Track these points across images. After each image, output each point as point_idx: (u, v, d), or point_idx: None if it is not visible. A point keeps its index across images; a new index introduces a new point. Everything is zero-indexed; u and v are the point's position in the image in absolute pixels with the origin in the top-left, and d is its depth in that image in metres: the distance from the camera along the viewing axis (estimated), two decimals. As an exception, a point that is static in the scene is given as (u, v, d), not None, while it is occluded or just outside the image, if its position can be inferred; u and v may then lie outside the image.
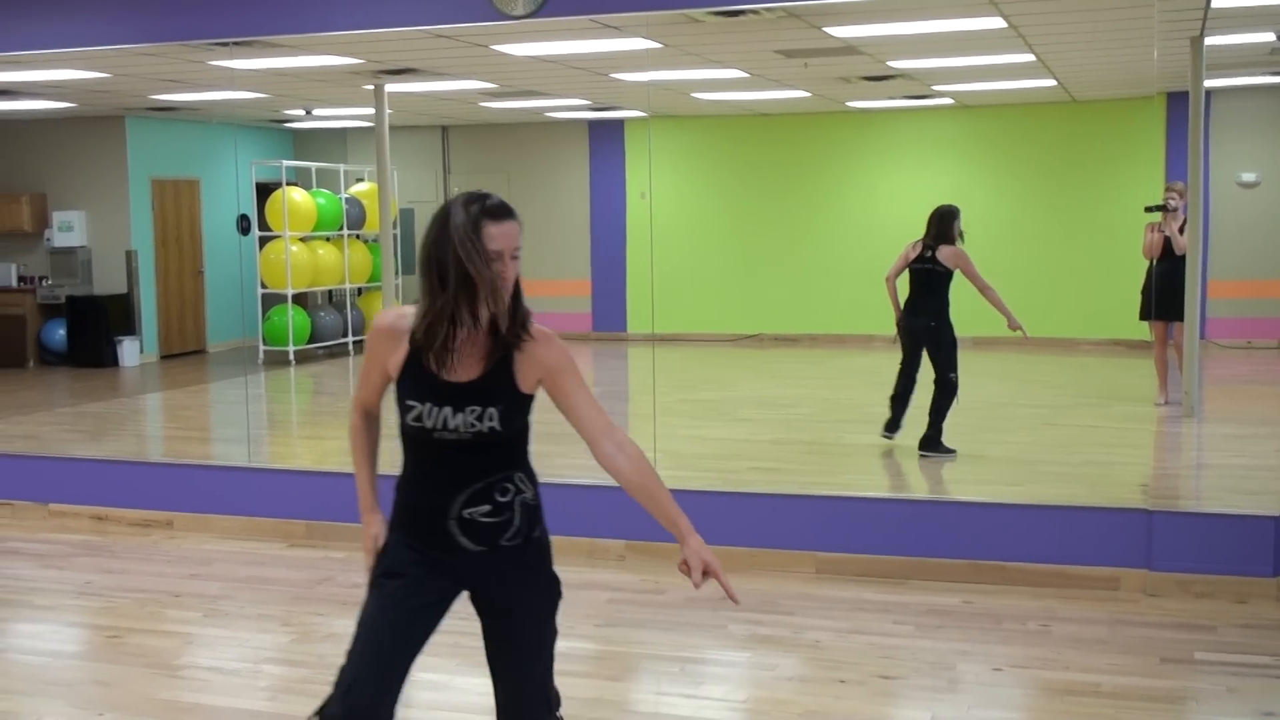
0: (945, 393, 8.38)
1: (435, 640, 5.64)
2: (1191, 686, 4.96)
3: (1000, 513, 6.49)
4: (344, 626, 5.78)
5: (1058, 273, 14.58)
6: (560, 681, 4.98)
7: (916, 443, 8.40)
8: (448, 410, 3.04)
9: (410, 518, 3.17)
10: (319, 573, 6.66)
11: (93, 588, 6.48)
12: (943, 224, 8.39)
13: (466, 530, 3.09)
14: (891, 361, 8.70)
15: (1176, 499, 7.36)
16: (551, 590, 3.23)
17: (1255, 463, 8.22)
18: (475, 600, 3.22)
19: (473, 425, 3.04)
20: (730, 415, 10.66)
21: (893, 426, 8.66)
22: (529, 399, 3.13)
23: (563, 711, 3.32)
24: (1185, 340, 9.55)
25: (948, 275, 8.35)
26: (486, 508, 3.09)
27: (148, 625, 5.83)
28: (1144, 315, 10.40)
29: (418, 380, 3.06)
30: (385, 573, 3.17)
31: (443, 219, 3.00)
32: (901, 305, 8.56)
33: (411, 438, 3.13)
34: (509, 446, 3.13)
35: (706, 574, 3.09)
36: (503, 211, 3.01)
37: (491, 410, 3.04)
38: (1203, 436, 9.30)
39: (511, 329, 3.05)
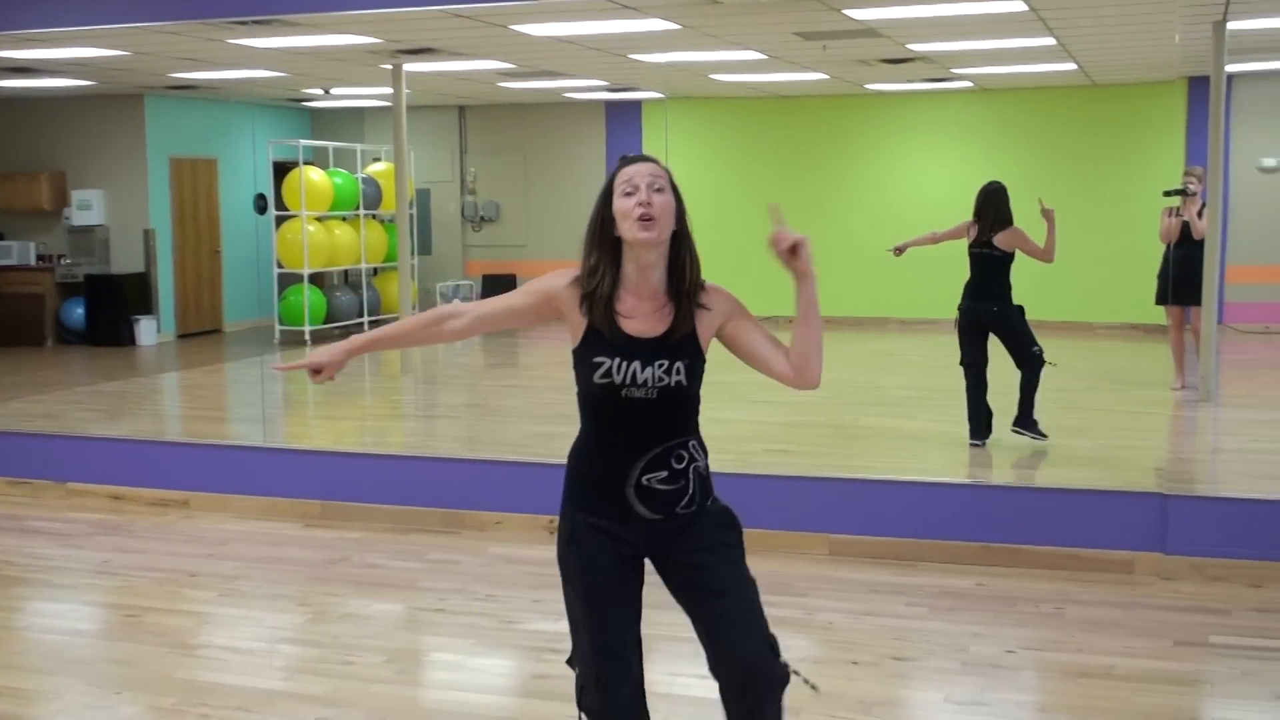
0: (1032, 368, 8.02)
1: (447, 621, 5.65)
2: (1206, 670, 4.95)
3: (1015, 496, 6.50)
4: (360, 606, 5.83)
5: (1075, 256, 14.49)
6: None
7: (1002, 429, 8.18)
8: (636, 365, 3.08)
9: (589, 489, 3.18)
10: (335, 553, 6.68)
11: (111, 567, 6.52)
12: (991, 204, 8.03)
13: (644, 498, 3.12)
14: (907, 345, 8.68)
15: (1192, 483, 7.34)
16: (732, 536, 3.24)
17: (1272, 447, 8.20)
18: (659, 567, 3.24)
19: (661, 380, 3.08)
20: (745, 398, 10.63)
21: (983, 432, 8.13)
22: (704, 356, 3.19)
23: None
24: (1203, 325, 9.52)
25: (1007, 258, 8.03)
26: (664, 474, 3.12)
27: (165, 604, 5.86)
28: (1160, 300, 10.35)
29: (607, 337, 3.11)
30: (580, 567, 3.18)
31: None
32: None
33: (596, 400, 3.13)
34: (687, 409, 3.18)
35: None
36: (638, 158, 3.20)
37: (679, 364, 3.10)
38: (1219, 421, 9.27)
39: (689, 284, 3.15)
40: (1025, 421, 8.12)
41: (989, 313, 8.08)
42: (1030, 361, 8.03)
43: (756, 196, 16.05)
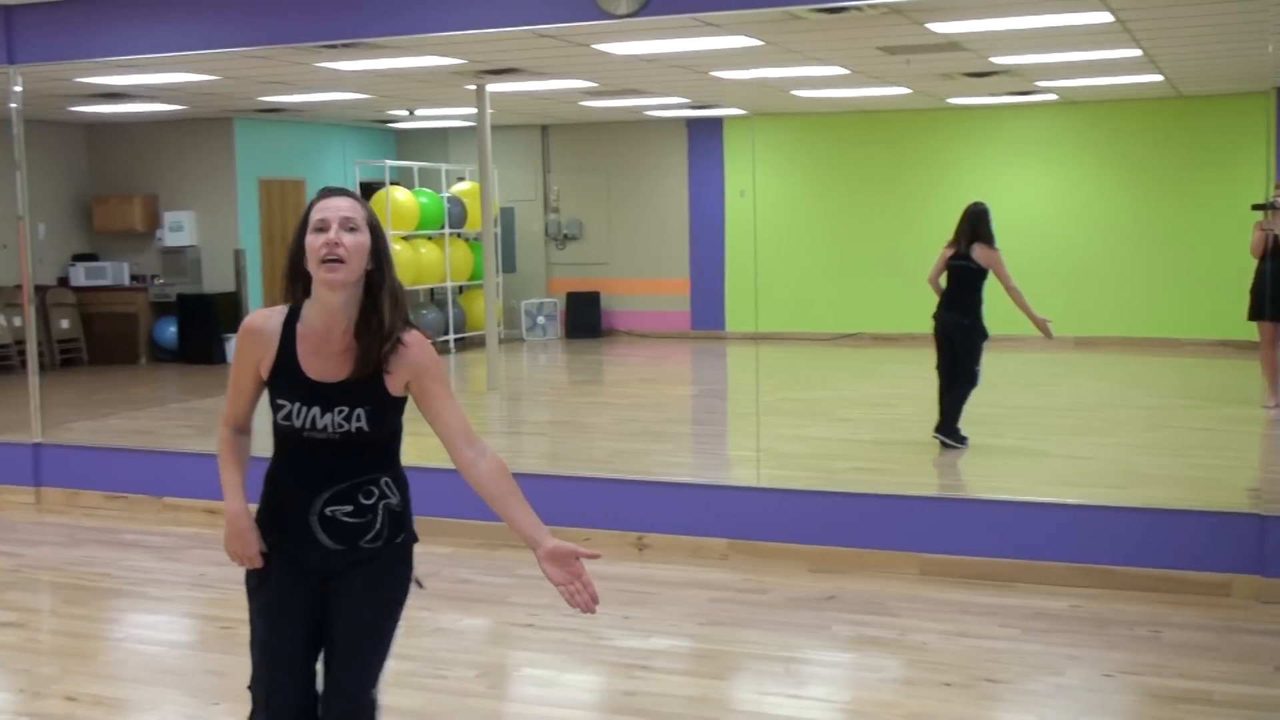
0: (967, 383, 8.59)
1: (538, 637, 5.66)
2: (1306, 695, 4.87)
3: (1106, 516, 6.40)
4: (451, 621, 5.87)
5: (1163, 271, 14.34)
6: (663, 680, 5.02)
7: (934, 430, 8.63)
8: (316, 410, 3.05)
9: (274, 513, 3.17)
10: (426, 567, 6.68)
11: (206, 579, 6.62)
12: (975, 224, 8.55)
13: (327, 527, 3.11)
14: (990, 362, 8.64)
15: (1289, 503, 7.21)
16: (396, 594, 3.27)
17: (1371, 466, 8.04)
18: (326, 591, 3.20)
19: (340, 426, 3.06)
20: (831, 415, 10.62)
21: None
22: (399, 401, 3.13)
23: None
24: (1295, 341, 9.35)
25: (981, 273, 8.52)
26: (349, 508, 3.12)
27: (259, 618, 5.94)
28: (1253, 315, 10.19)
29: (287, 379, 3.08)
30: (259, 582, 3.20)
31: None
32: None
33: (282, 434, 3.13)
34: (378, 449, 3.15)
35: (578, 575, 3.28)
36: (336, 191, 3.08)
37: (359, 411, 3.06)
38: (1315, 439, 9.11)
39: (383, 329, 3.04)
40: (948, 430, 8.60)
41: (959, 325, 8.57)
42: (968, 376, 8.59)
43: (839, 212, 16.00)
